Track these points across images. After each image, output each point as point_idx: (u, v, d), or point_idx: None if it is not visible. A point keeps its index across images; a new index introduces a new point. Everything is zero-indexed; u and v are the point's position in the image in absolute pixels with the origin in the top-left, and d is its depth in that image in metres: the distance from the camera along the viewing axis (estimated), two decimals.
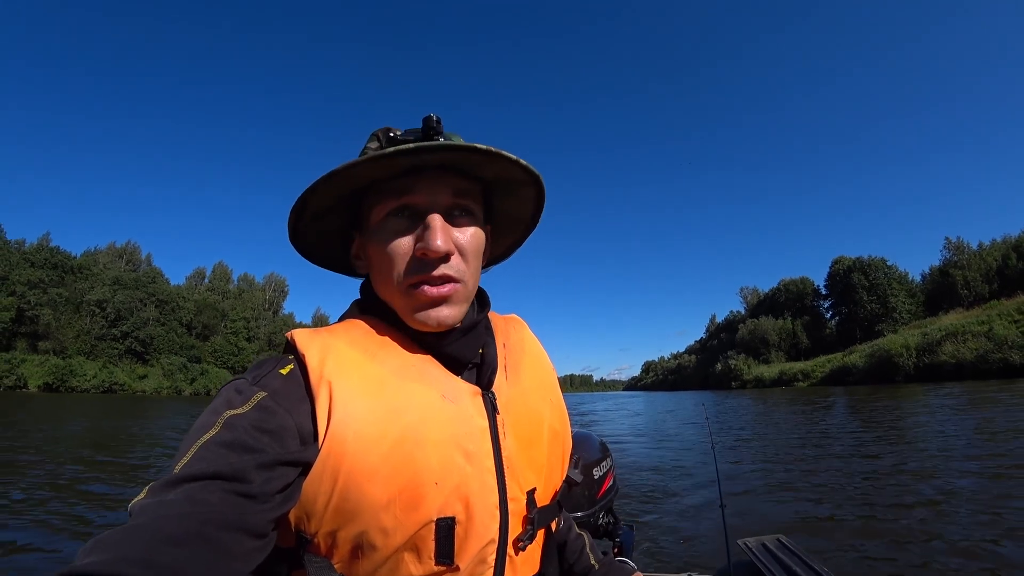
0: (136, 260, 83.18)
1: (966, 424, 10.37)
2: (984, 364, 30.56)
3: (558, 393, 0.80)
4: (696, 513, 5.02)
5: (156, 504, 0.45)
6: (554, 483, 0.74)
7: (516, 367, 0.74)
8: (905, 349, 38.10)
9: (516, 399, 0.70)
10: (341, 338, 0.62)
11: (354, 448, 0.54)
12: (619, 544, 2.03)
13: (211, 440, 0.50)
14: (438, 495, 0.57)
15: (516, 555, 0.65)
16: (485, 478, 0.61)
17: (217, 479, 0.47)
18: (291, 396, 0.55)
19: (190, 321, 73.89)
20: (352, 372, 0.58)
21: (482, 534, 0.60)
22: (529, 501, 0.67)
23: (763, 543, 2.48)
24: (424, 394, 0.60)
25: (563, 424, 0.78)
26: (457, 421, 0.61)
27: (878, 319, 67.05)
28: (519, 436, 0.67)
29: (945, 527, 4.07)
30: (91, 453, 9.07)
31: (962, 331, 34.43)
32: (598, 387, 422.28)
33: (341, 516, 0.54)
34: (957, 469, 6.08)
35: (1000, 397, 16.50)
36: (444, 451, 0.58)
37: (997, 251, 60.09)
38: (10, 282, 57.61)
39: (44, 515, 4.83)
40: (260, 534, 0.49)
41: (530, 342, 0.81)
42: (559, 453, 0.76)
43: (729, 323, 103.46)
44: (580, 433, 2.19)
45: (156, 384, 62.46)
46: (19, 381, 52.68)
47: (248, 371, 0.59)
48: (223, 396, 0.55)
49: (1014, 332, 29.84)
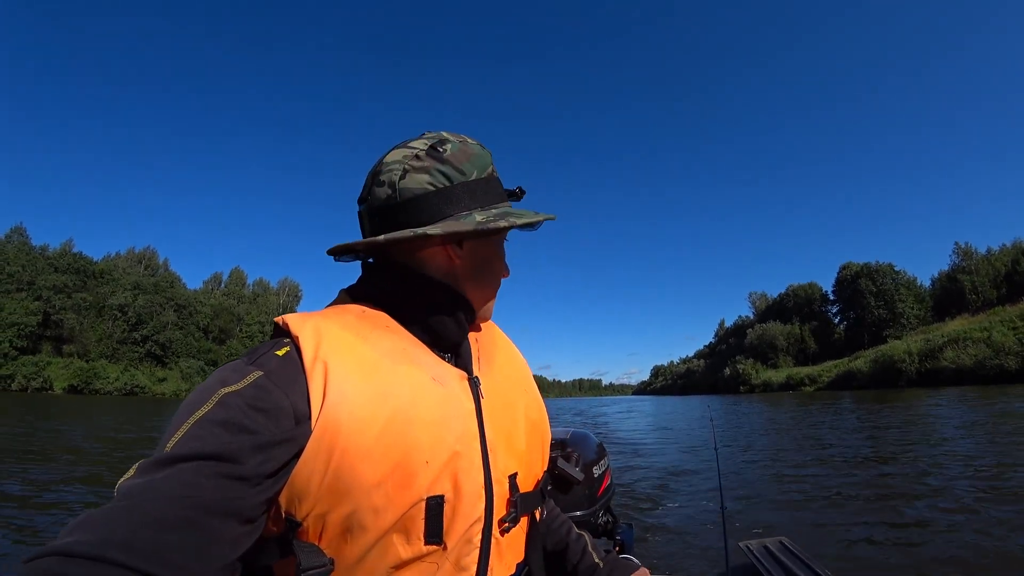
0: (154, 265, 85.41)
1: (965, 429, 10.66)
2: (982, 370, 31.09)
3: (533, 386, 0.85)
4: (698, 515, 5.05)
5: (144, 484, 0.45)
6: (535, 472, 0.76)
7: (490, 358, 0.77)
8: (908, 355, 38.69)
9: (493, 387, 0.72)
10: (334, 321, 0.63)
11: (348, 428, 0.54)
12: (620, 542, 2.04)
13: (204, 418, 0.49)
14: (428, 473, 0.58)
15: (502, 537, 0.66)
16: (472, 457, 0.63)
17: (210, 460, 0.47)
18: (287, 376, 0.55)
19: (207, 325, 75.68)
20: (346, 353, 0.59)
21: (469, 513, 0.61)
22: (512, 485, 0.69)
23: (764, 545, 2.50)
24: (415, 376, 0.62)
25: (540, 415, 0.81)
26: (447, 403, 0.63)
27: (885, 324, 67.11)
28: (499, 422, 0.70)
29: (946, 530, 4.11)
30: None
31: (963, 337, 35.04)
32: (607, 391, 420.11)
33: (333, 496, 0.54)
34: (957, 474, 6.11)
35: (998, 401, 16.81)
36: (435, 431, 0.60)
37: (1007, 256, 60.06)
38: (36, 287, 59.74)
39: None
40: (251, 518, 0.49)
41: (500, 338, 0.86)
42: (538, 442, 0.78)
43: (738, 328, 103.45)
44: (578, 432, 2.25)
45: (175, 387, 64.15)
46: (46, 383, 54.63)
47: (243, 354, 0.60)
48: (217, 375, 0.55)
49: (1011, 339, 30.36)
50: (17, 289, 58.97)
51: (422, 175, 0.67)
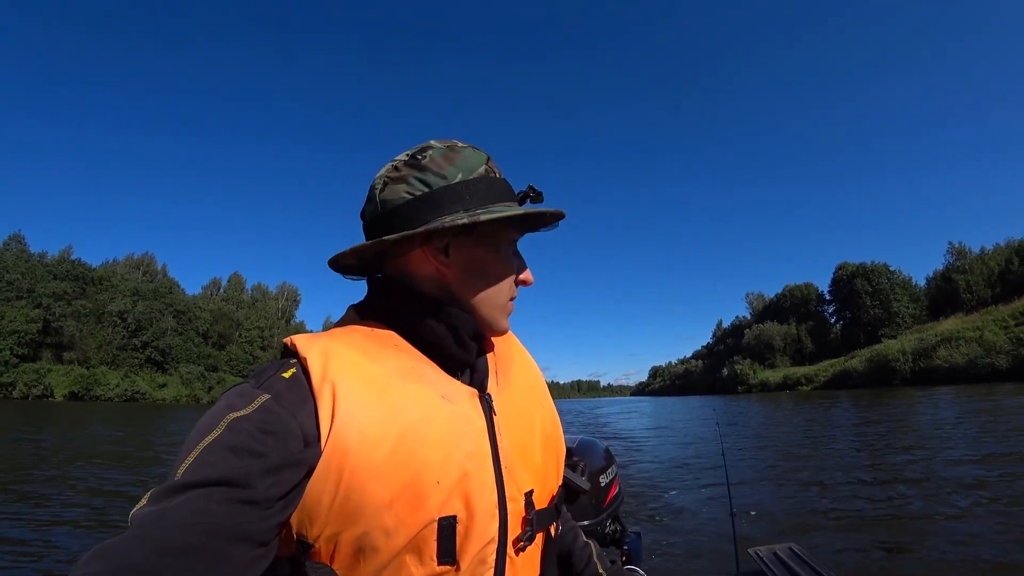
0: (152, 271, 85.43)
1: (960, 427, 10.79)
2: (974, 369, 31.65)
3: (548, 398, 0.83)
4: (706, 521, 4.98)
5: (158, 512, 0.45)
6: (550, 487, 0.75)
7: (506, 372, 0.76)
8: (902, 354, 39.22)
9: (508, 402, 0.72)
10: (341, 341, 0.63)
11: (357, 448, 0.54)
12: (627, 552, 2.00)
13: (214, 443, 0.50)
14: (440, 493, 0.57)
15: (516, 556, 0.65)
16: (485, 477, 0.62)
17: (221, 485, 0.47)
18: (294, 398, 0.55)
19: (206, 331, 75.79)
20: (354, 374, 0.58)
21: (482, 533, 0.60)
22: (527, 503, 0.67)
23: (774, 552, 2.44)
24: (425, 394, 0.61)
25: (555, 428, 0.80)
26: (457, 421, 0.62)
27: (881, 324, 67.65)
28: (514, 438, 0.69)
29: (956, 537, 4.06)
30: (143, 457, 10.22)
31: (956, 336, 35.53)
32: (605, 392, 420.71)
33: (344, 517, 0.54)
34: (962, 477, 6.10)
35: (992, 399, 17.09)
36: (445, 450, 0.59)
37: (1000, 255, 60.64)
38: (36, 294, 59.90)
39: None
40: (263, 542, 0.49)
41: (518, 349, 0.84)
42: (553, 457, 0.77)
43: (736, 328, 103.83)
44: (585, 440, 2.20)
45: (175, 392, 64.39)
46: (46, 391, 54.73)
47: (250, 376, 0.59)
48: (225, 400, 0.55)
49: (1002, 338, 30.90)
50: (17, 297, 59.13)
51: (399, 185, 0.67)
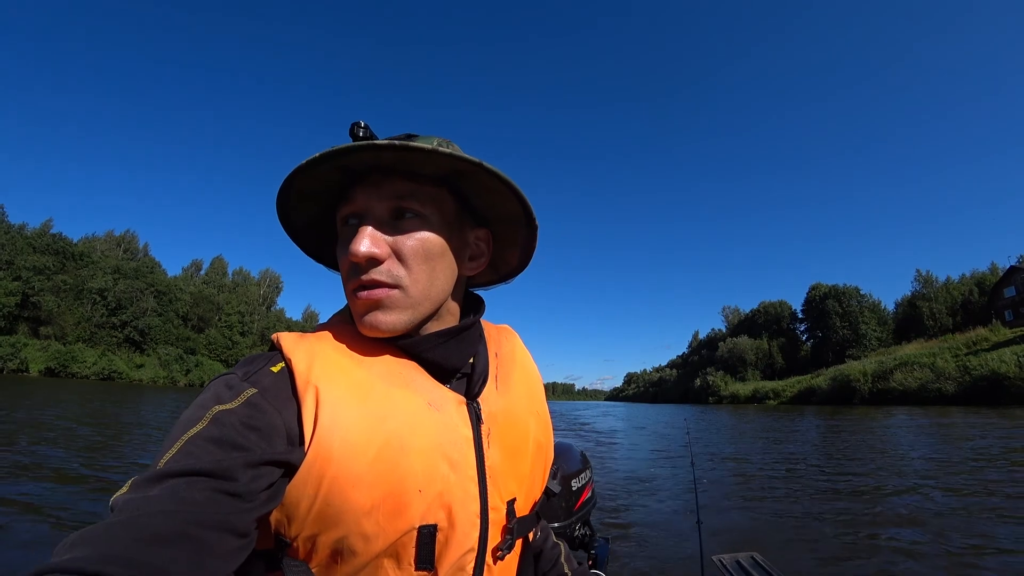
0: (134, 249, 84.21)
1: (917, 445, 11.14)
2: (924, 392, 33.54)
3: (544, 406, 0.81)
4: (672, 528, 5.01)
5: (140, 500, 0.44)
6: (534, 495, 0.75)
7: (507, 377, 0.74)
8: (862, 375, 41.22)
9: (504, 410, 0.70)
10: (328, 343, 0.61)
11: (340, 454, 0.53)
12: (594, 556, 2.02)
13: (198, 435, 0.49)
14: (421, 502, 0.57)
15: (495, 564, 0.64)
16: (467, 487, 0.61)
17: (203, 476, 0.47)
18: (280, 395, 0.55)
19: (186, 313, 75.28)
20: (339, 377, 0.57)
21: (462, 542, 0.60)
22: (509, 511, 0.66)
23: (737, 560, 2.47)
24: (410, 401, 0.60)
25: (547, 437, 0.79)
26: (442, 429, 0.61)
27: (849, 344, 70.04)
28: (504, 446, 0.67)
29: (917, 543, 4.19)
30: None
31: (912, 361, 37.52)
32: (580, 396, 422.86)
33: (323, 521, 0.53)
34: (917, 487, 6.32)
35: (939, 421, 17.75)
36: (428, 459, 0.58)
37: (965, 286, 63.55)
38: (15, 267, 59.03)
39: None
40: (243, 533, 0.48)
41: (521, 353, 0.82)
42: (541, 465, 0.77)
43: (711, 340, 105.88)
44: (561, 444, 2.18)
45: (153, 374, 64.04)
46: (22, 365, 54.10)
47: (238, 366, 0.58)
48: (212, 390, 0.55)
49: (952, 365, 32.89)
50: None
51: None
